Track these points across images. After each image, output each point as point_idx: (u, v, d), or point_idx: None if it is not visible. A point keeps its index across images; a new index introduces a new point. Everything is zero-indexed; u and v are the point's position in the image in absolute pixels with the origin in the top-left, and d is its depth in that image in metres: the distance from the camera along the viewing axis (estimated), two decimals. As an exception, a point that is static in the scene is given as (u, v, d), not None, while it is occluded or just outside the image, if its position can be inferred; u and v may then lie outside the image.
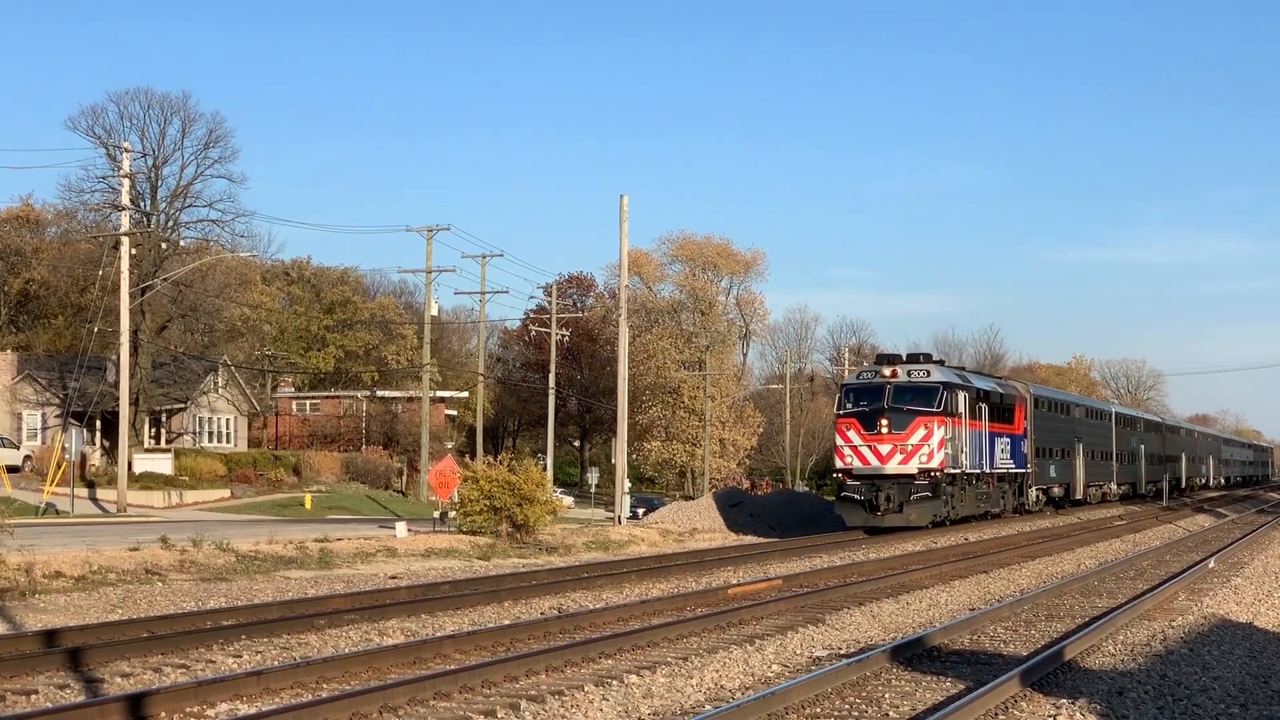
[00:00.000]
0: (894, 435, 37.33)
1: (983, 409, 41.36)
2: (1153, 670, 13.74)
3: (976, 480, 41.33)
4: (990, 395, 42.94)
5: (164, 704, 11.51)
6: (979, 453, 40.90)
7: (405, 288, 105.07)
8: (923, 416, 37.45)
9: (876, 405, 37.87)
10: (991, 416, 42.22)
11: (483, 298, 71.84)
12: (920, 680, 13.36)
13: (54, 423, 63.37)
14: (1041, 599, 20.67)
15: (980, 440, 41.01)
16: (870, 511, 37.34)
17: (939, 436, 37.39)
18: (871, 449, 37.59)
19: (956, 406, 38.73)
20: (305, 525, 39.38)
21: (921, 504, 37.23)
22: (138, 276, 56.24)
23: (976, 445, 40.61)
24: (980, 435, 40.99)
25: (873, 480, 37.47)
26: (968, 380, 41.37)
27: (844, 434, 38.18)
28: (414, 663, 14.19)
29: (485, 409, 79.68)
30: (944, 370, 40.06)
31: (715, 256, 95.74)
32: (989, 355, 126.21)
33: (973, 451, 40.22)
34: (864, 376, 39.94)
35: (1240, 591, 21.86)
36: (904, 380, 38.28)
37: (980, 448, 41.03)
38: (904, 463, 37.25)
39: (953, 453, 38.24)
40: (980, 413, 41.10)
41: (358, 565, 27.74)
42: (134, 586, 22.25)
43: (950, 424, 38.11)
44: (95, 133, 62.40)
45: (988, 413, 41.81)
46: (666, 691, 12.67)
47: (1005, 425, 44.06)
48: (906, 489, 37.16)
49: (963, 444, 39.13)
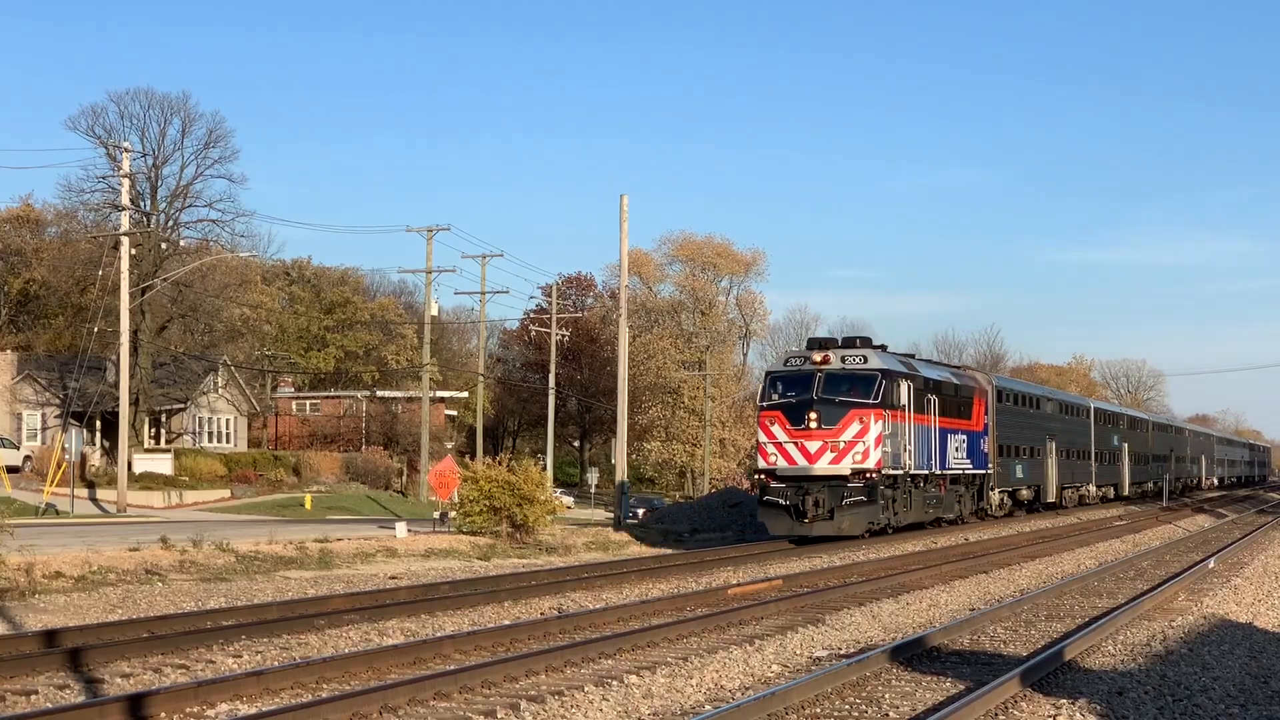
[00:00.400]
0: (824, 431, 32.63)
1: (932, 401, 36.71)
2: (1153, 670, 13.75)
3: (924, 482, 36.64)
4: (942, 386, 38.33)
5: (164, 704, 11.51)
6: (927, 451, 36.26)
7: (405, 288, 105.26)
8: (858, 409, 32.77)
9: (805, 396, 33.10)
10: (943, 410, 37.65)
11: (483, 298, 71.93)
12: (920, 680, 13.36)
13: (54, 423, 63.39)
14: (1041, 599, 20.67)
15: (929, 437, 36.34)
16: (796, 518, 32.52)
17: (876, 432, 32.68)
18: (798, 446, 32.81)
19: (898, 398, 34.05)
20: (305, 525, 39.38)
21: (855, 509, 32.57)
22: (138, 276, 56.26)
23: (924, 442, 35.97)
24: (929, 431, 36.33)
25: (800, 482, 32.67)
26: (914, 368, 36.69)
27: (767, 429, 33.44)
28: (414, 663, 14.19)
29: (485, 409, 79.70)
30: (884, 356, 35.21)
31: (715, 256, 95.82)
32: (989, 355, 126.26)
33: (919, 449, 35.59)
34: (792, 363, 34.79)
35: (1240, 591, 21.86)
36: (837, 368, 33.50)
37: (929, 445, 36.34)
38: (835, 462, 32.60)
39: (893, 451, 33.55)
40: (929, 405, 36.46)
41: (358, 565, 27.75)
42: (134, 587, 22.25)
43: (890, 418, 33.46)
44: (95, 133, 62.50)
45: (938, 405, 37.13)
46: (666, 692, 12.67)
47: (960, 420, 39.55)
48: (838, 492, 32.47)
49: (906, 441, 34.46)
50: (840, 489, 32.47)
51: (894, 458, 33.67)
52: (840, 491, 32.44)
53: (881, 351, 35.44)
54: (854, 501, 32.47)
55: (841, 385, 33.25)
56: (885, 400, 33.20)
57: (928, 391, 36.59)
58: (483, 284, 70.89)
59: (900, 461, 34.19)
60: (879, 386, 33.17)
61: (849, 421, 32.71)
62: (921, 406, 35.85)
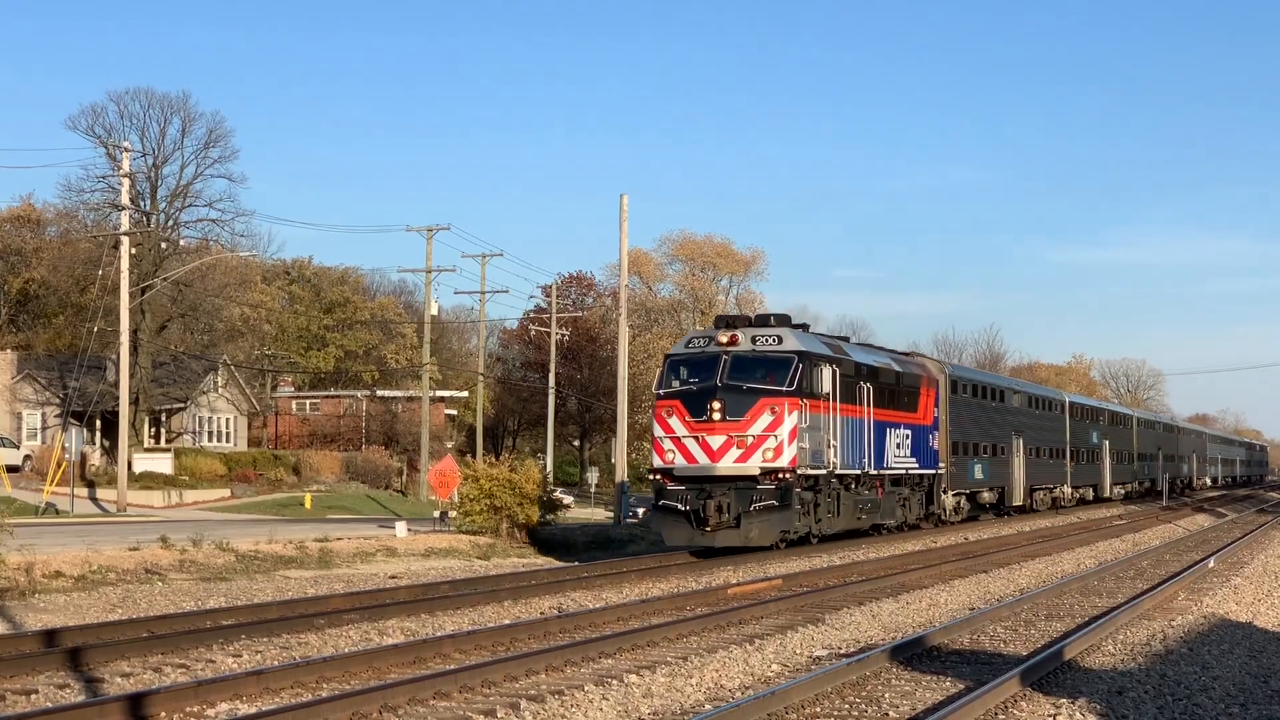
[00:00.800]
0: (730, 423, 28.03)
1: (865, 390, 32.23)
2: (1152, 670, 13.75)
3: (856, 484, 32.13)
4: (879, 373, 33.67)
5: (164, 704, 11.51)
6: (858, 447, 31.70)
7: (405, 287, 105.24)
8: (770, 398, 28.17)
9: (708, 383, 28.48)
10: (881, 400, 33.16)
11: (483, 297, 71.93)
12: (920, 680, 13.36)
13: (54, 422, 63.41)
14: (1041, 599, 20.69)
15: (860, 431, 31.87)
16: (697, 526, 27.99)
17: (791, 424, 28.11)
18: (699, 442, 28.16)
19: (819, 385, 29.37)
20: (305, 525, 39.38)
21: (766, 516, 27.92)
22: (138, 276, 56.28)
23: (854, 437, 31.48)
24: (860, 424, 31.89)
25: (701, 484, 28.09)
26: (843, 351, 32.15)
27: (664, 421, 28.69)
28: (414, 662, 14.20)
29: (485, 409, 79.70)
30: (804, 336, 30.47)
31: (715, 256, 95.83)
32: (989, 355, 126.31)
33: (848, 445, 31.07)
34: (694, 344, 29.98)
35: (1240, 591, 21.87)
36: (746, 350, 28.88)
37: (860, 440, 31.85)
38: (742, 460, 27.98)
39: (813, 446, 29.00)
40: (861, 395, 32.02)
41: (357, 565, 27.76)
42: (134, 586, 22.28)
43: (809, 408, 28.83)
44: (95, 132, 62.56)
45: (872, 395, 32.60)
46: (666, 691, 12.67)
47: (903, 413, 35.04)
48: (746, 496, 27.85)
49: (830, 435, 29.82)
50: (748, 492, 27.94)
51: (814, 455, 29.15)
52: (748, 494, 27.92)
53: (802, 331, 30.96)
54: (764, 506, 27.90)
55: (751, 370, 28.73)
56: (803, 387, 28.70)
57: (860, 379, 32.22)
58: (483, 284, 70.93)
59: (823, 459, 29.62)
60: (796, 371, 28.65)
61: (759, 412, 28.15)
62: (852, 395, 31.51)
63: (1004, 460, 45.72)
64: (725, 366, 28.63)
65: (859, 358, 33.05)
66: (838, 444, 30.29)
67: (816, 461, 29.33)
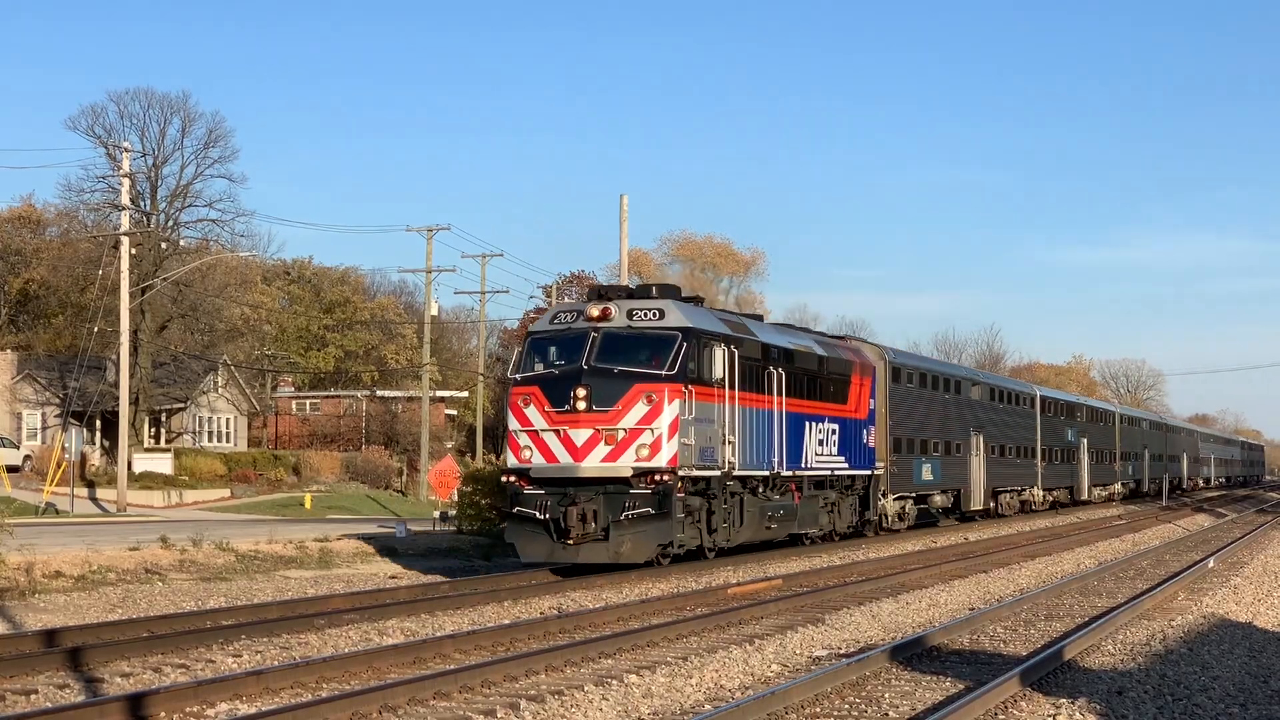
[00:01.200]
0: (597, 414, 23.17)
1: (776, 376, 27.37)
2: (1152, 670, 13.75)
3: (765, 487, 27.29)
4: (795, 356, 28.70)
5: (164, 704, 11.52)
6: (765, 443, 26.89)
7: (405, 288, 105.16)
8: (645, 383, 23.28)
9: (572, 365, 23.66)
10: (798, 389, 28.45)
11: (483, 297, 72.05)
12: (920, 680, 13.37)
13: (54, 422, 63.44)
14: (1041, 599, 20.69)
15: (769, 424, 27.04)
16: (558, 538, 23.20)
17: (672, 415, 23.25)
18: (560, 436, 23.38)
19: (710, 368, 24.33)
20: (305, 525, 39.40)
21: (640, 525, 23.10)
22: (138, 276, 56.29)
23: (760, 432, 26.67)
24: (769, 416, 27.06)
25: (563, 487, 23.38)
26: (746, 330, 27.00)
27: (519, 411, 23.83)
28: (414, 662, 14.20)
29: (485, 409, 79.68)
30: (694, 311, 25.33)
31: (715, 256, 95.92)
32: (989, 355, 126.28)
33: (753, 441, 26.32)
34: (560, 319, 24.99)
35: (1240, 591, 21.87)
36: (620, 326, 23.95)
37: (769, 435, 27.05)
38: (612, 458, 23.19)
39: (701, 443, 24.16)
40: (771, 382, 27.16)
41: (357, 565, 27.76)
42: (134, 586, 22.28)
43: (696, 395, 23.96)
44: (95, 132, 62.65)
45: (786, 382, 27.70)
46: (666, 691, 12.67)
47: (829, 404, 30.25)
48: (616, 502, 23.07)
49: (726, 429, 25.00)
50: (620, 497, 23.12)
51: (703, 452, 24.33)
52: (620, 500, 23.09)
53: (694, 305, 26.11)
54: (639, 514, 23.06)
55: (626, 350, 23.84)
56: (689, 371, 23.82)
57: (769, 363, 27.34)
58: (483, 284, 71.00)
59: (715, 457, 24.77)
60: (679, 351, 23.67)
61: (632, 401, 23.25)
62: (758, 383, 26.73)
63: (960, 459, 41.31)
64: (594, 346, 23.70)
65: (767, 338, 27.96)
66: (737, 440, 25.52)
67: (706, 460, 24.48)
